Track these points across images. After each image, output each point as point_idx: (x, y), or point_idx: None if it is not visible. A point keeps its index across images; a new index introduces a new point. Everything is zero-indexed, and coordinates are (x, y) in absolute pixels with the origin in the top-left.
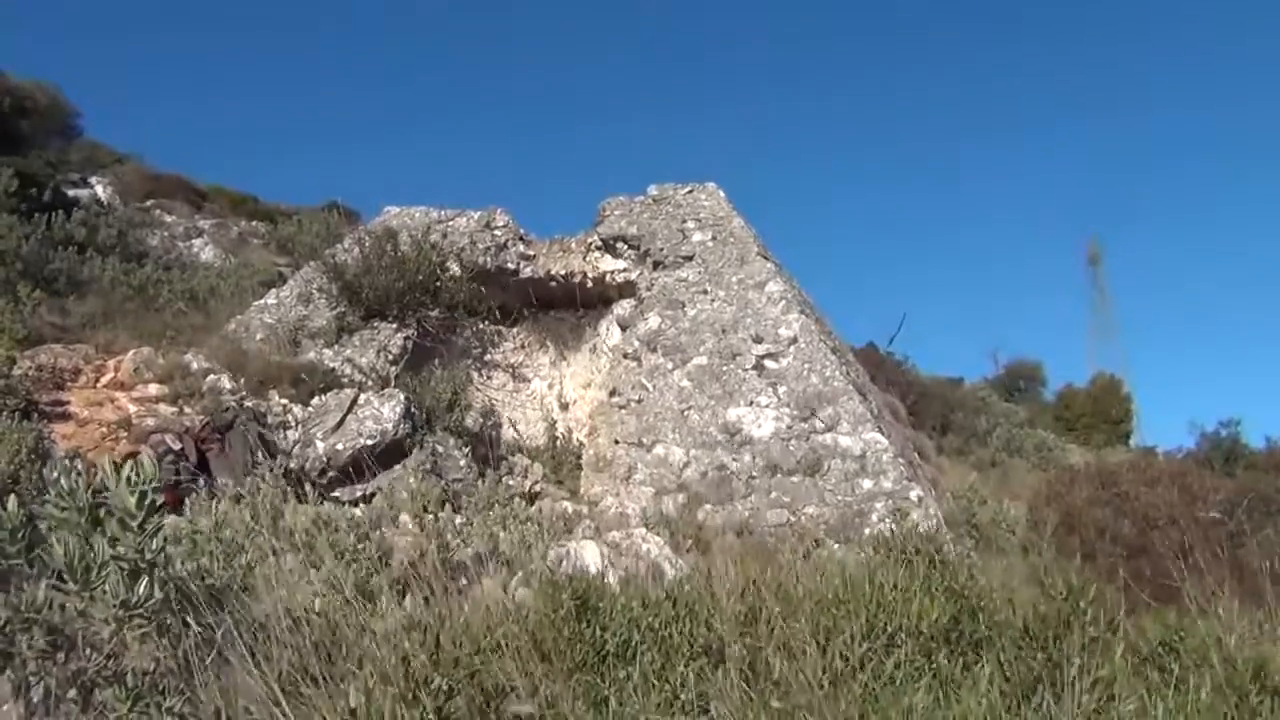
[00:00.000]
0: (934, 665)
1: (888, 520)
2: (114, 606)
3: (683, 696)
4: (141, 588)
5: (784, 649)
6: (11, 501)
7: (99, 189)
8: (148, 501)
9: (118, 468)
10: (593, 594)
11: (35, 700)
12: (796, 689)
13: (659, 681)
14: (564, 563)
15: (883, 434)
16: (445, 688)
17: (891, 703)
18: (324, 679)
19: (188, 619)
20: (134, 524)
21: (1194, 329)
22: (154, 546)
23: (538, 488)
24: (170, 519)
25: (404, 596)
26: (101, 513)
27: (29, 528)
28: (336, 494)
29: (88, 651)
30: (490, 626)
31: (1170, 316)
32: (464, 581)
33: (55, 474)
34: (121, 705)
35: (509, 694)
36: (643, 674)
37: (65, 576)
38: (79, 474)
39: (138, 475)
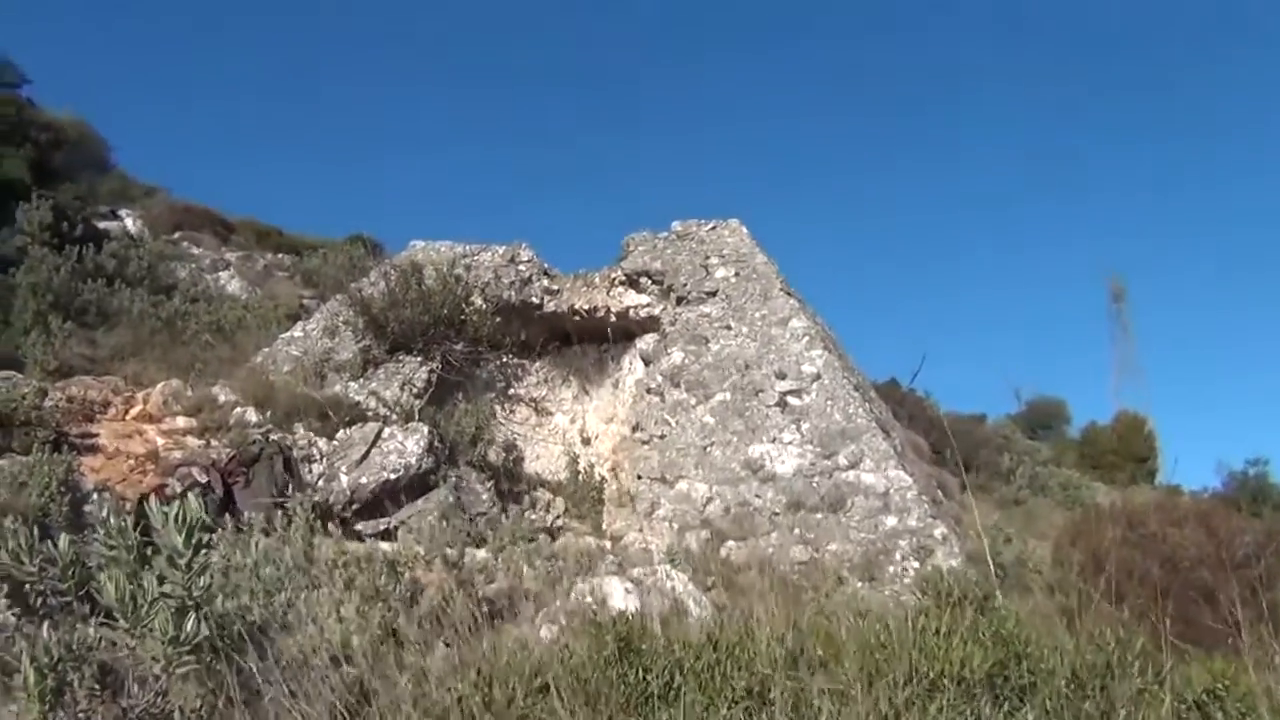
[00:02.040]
0: (977, 711)
1: (911, 558)
2: (163, 644)
3: None
4: (189, 625)
5: (829, 692)
6: (63, 540)
7: (128, 221)
8: (194, 540)
9: (165, 503)
10: (634, 635)
11: None
12: None
13: None
14: (588, 599)
15: (906, 471)
16: None
17: None
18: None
19: (234, 655)
20: (181, 562)
21: (1220, 367)
22: (201, 584)
23: (559, 523)
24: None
25: (436, 635)
26: (149, 550)
27: (78, 565)
28: (360, 527)
29: (136, 689)
30: (541, 667)
31: (1196, 355)
32: (492, 619)
33: (105, 512)
34: None
35: None
36: (686, 716)
37: (116, 614)
38: (127, 514)
39: (184, 514)
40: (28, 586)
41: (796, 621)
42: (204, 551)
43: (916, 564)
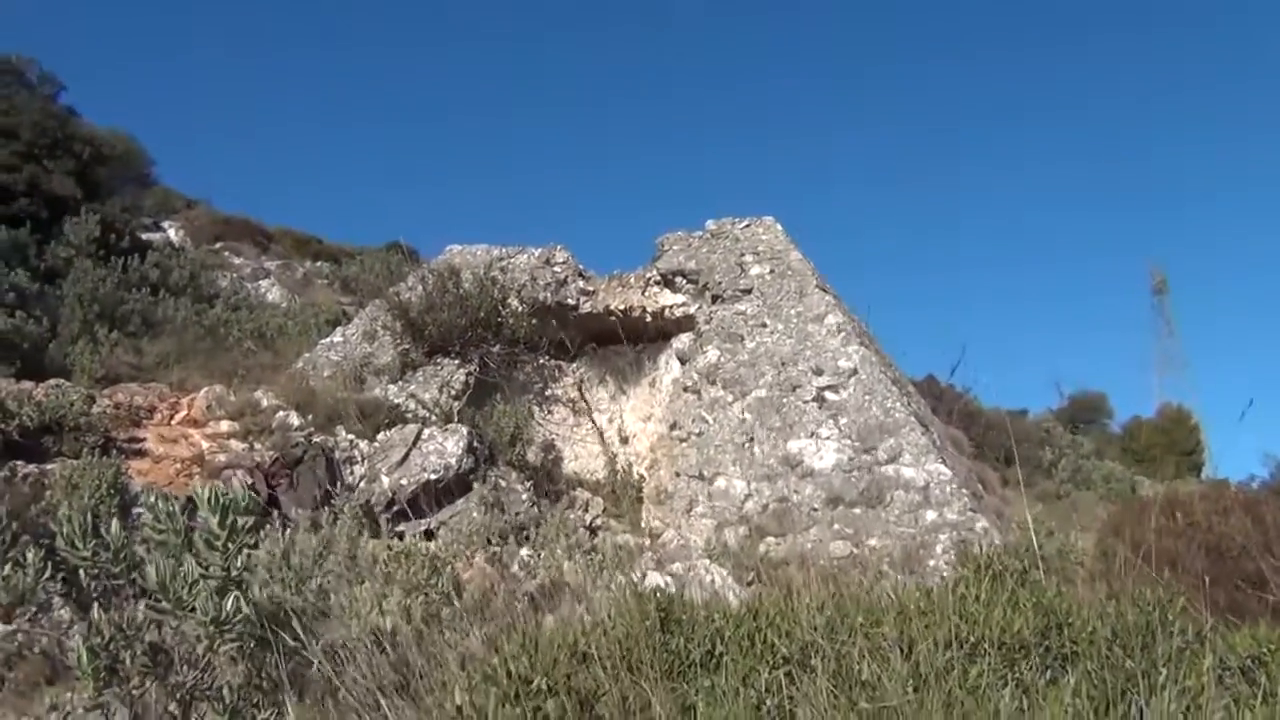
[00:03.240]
0: (1017, 675)
1: (952, 552)
2: (205, 623)
3: (768, 702)
4: (229, 603)
5: (869, 654)
6: (114, 525)
7: (171, 232)
8: (229, 522)
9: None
10: (675, 607)
11: (140, 713)
12: (883, 692)
13: (744, 687)
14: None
15: (945, 465)
16: (545, 686)
17: (976, 708)
18: (412, 694)
19: (280, 633)
20: (218, 544)
21: (1266, 358)
22: (238, 564)
23: (598, 521)
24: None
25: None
26: (194, 536)
27: (128, 550)
28: (402, 527)
29: (184, 668)
30: (584, 633)
31: (1241, 346)
32: (535, 612)
33: (153, 498)
34: (218, 718)
35: (600, 699)
36: (729, 680)
37: (159, 596)
38: (175, 499)
39: (219, 498)
40: (82, 573)
41: (836, 592)
42: (241, 533)
43: (957, 557)
